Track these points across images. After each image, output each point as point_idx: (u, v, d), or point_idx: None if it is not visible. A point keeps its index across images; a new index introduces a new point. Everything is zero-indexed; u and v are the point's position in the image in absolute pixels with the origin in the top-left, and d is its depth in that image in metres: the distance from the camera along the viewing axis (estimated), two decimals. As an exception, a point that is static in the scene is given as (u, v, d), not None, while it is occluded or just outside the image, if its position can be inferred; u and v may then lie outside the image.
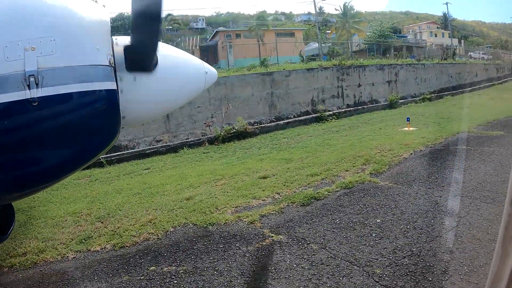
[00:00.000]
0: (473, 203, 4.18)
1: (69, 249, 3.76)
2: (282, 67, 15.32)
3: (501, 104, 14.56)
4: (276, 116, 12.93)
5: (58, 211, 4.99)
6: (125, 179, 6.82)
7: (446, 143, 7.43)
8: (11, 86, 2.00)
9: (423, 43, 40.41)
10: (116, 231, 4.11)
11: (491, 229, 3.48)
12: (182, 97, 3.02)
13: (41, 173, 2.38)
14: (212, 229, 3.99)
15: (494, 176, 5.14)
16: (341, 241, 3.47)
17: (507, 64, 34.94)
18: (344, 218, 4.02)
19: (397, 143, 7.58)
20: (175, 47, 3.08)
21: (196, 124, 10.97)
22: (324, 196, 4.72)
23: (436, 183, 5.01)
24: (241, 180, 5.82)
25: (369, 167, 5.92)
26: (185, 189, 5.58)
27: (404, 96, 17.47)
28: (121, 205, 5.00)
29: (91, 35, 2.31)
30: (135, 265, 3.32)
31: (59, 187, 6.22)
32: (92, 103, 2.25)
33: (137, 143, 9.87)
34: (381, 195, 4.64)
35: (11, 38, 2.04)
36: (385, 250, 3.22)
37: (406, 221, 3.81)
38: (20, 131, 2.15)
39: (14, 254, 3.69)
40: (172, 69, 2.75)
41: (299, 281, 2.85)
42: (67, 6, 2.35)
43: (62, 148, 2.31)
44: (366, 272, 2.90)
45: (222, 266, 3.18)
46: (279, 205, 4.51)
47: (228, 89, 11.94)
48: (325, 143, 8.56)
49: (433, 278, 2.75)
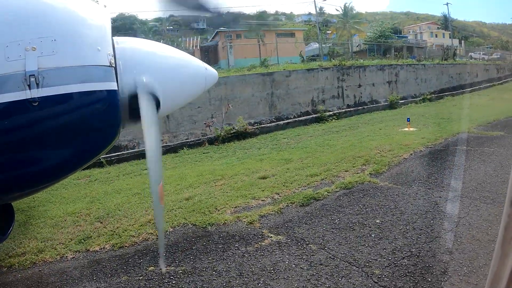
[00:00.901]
0: (472, 203, 4.18)
1: (68, 249, 3.76)
2: (282, 67, 15.31)
3: (502, 104, 14.56)
4: (276, 116, 12.93)
5: (58, 211, 4.99)
6: (124, 179, 6.82)
7: (446, 144, 7.43)
8: (11, 86, 2.00)
9: (424, 43, 40.41)
10: (115, 231, 4.11)
11: (490, 230, 3.47)
12: (182, 98, 3.02)
13: (41, 173, 2.38)
14: (211, 229, 3.99)
15: (494, 176, 5.14)
16: (340, 242, 3.47)
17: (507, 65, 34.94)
18: (343, 218, 4.02)
19: (397, 143, 7.58)
20: (176, 48, 3.08)
21: (196, 124, 10.97)
22: (323, 197, 4.72)
23: (436, 183, 5.00)
24: (241, 180, 5.82)
25: (369, 167, 5.92)
26: (184, 189, 5.58)
27: (404, 97, 17.46)
28: (120, 205, 5.00)
29: (92, 35, 2.31)
30: (134, 265, 3.32)
31: (58, 187, 6.22)
32: (93, 104, 2.25)
33: (137, 143, 9.87)
34: (381, 196, 4.64)
35: (11, 38, 2.04)
36: (384, 251, 3.22)
37: (405, 222, 3.81)
38: (21, 131, 2.15)
39: (13, 254, 3.69)
40: (172, 70, 2.75)
41: (298, 282, 2.85)
42: (68, 6, 2.35)
43: (63, 148, 2.31)
44: (365, 273, 2.90)
45: (221, 267, 3.18)
46: (278, 205, 4.50)
47: (228, 89, 11.94)
48: (325, 143, 8.56)
49: (433, 279, 2.75)
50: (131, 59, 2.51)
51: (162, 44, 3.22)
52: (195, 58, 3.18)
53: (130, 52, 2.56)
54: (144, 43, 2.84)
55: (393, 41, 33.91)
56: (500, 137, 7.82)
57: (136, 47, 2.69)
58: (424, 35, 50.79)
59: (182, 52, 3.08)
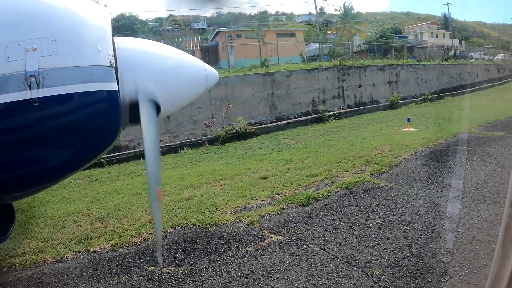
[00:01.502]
0: (473, 204, 4.17)
1: (68, 249, 3.76)
2: (282, 68, 15.30)
3: (502, 104, 14.55)
4: (277, 116, 12.92)
5: (58, 211, 4.99)
6: (125, 179, 6.82)
7: (447, 144, 7.42)
8: (12, 86, 2.01)
9: (424, 43, 40.39)
10: (116, 231, 4.11)
11: (491, 230, 3.47)
12: (182, 99, 3.02)
13: (42, 174, 2.38)
14: (211, 229, 3.99)
15: (494, 177, 5.13)
16: (340, 242, 3.47)
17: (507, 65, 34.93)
18: (343, 218, 4.02)
19: (397, 143, 7.58)
20: (176, 48, 3.08)
21: (196, 124, 10.97)
22: (324, 197, 4.71)
23: (437, 184, 5.00)
24: (241, 180, 5.82)
25: (369, 167, 5.92)
26: (184, 190, 5.58)
27: (404, 97, 17.44)
28: (120, 205, 5.00)
29: (92, 35, 2.31)
30: (134, 266, 3.32)
31: (59, 187, 6.22)
32: (93, 104, 2.25)
33: (138, 143, 9.87)
34: (381, 196, 4.64)
35: (12, 38, 2.04)
36: (384, 251, 3.22)
37: (406, 222, 3.81)
38: (21, 132, 2.15)
39: (14, 254, 3.70)
40: (172, 71, 2.75)
41: (298, 282, 2.85)
42: (68, 7, 2.35)
43: (63, 148, 2.31)
44: (365, 273, 2.90)
45: (221, 267, 3.18)
46: (278, 205, 4.50)
47: (229, 90, 11.94)
48: (325, 143, 8.56)
49: (433, 279, 2.75)
50: (131, 60, 2.51)
51: (163, 44, 3.22)
52: (195, 58, 3.18)
53: (130, 52, 2.56)
54: (144, 43, 2.84)
55: (394, 41, 33.90)
56: (501, 137, 7.81)
57: (137, 47, 2.69)
58: (425, 35, 50.75)
59: (183, 52, 3.08)
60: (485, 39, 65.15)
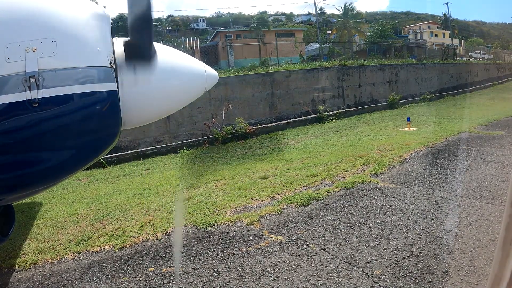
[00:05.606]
0: (473, 203, 4.17)
1: (68, 250, 3.76)
2: (282, 68, 15.29)
3: (502, 104, 14.56)
4: (277, 116, 12.92)
5: (58, 211, 4.99)
6: (125, 179, 6.82)
7: (447, 143, 7.42)
8: (11, 87, 2.00)
9: (424, 43, 40.34)
10: (116, 232, 4.11)
11: (491, 230, 3.47)
12: (182, 99, 3.02)
13: (41, 174, 2.38)
14: (211, 229, 3.99)
15: (494, 176, 5.13)
16: (340, 242, 3.47)
17: (507, 64, 34.92)
18: (343, 218, 4.02)
19: (397, 143, 7.58)
20: (175, 49, 3.08)
21: (196, 124, 10.97)
22: (324, 197, 4.71)
23: (437, 183, 5.00)
24: (241, 180, 5.82)
25: (369, 167, 5.92)
26: (184, 190, 5.58)
27: (404, 96, 17.44)
28: (120, 206, 5.00)
29: (92, 36, 2.31)
30: (134, 266, 3.32)
31: (59, 188, 6.22)
32: (93, 105, 2.25)
33: (137, 143, 9.87)
34: (381, 196, 4.64)
35: (11, 39, 2.04)
36: (385, 251, 3.22)
37: (406, 222, 3.80)
38: (21, 132, 2.14)
39: (14, 254, 3.70)
40: (172, 71, 2.75)
41: (298, 282, 2.84)
42: (68, 7, 2.35)
43: (63, 149, 2.31)
44: (366, 273, 2.89)
45: (221, 267, 3.17)
46: (278, 205, 4.50)
47: (229, 90, 11.94)
48: (325, 143, 8.56)
49: (433, 279, 2.75)
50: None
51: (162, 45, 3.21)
52: (195, 59, 3.18)
53: None
54: None
55: (393, 40, 33.84)
56: (501, 136, 7.81)
57: None
58: (424, 34, 50.73)
59: (182, 53, 3.08)
60: (485, 38, 65.17)
